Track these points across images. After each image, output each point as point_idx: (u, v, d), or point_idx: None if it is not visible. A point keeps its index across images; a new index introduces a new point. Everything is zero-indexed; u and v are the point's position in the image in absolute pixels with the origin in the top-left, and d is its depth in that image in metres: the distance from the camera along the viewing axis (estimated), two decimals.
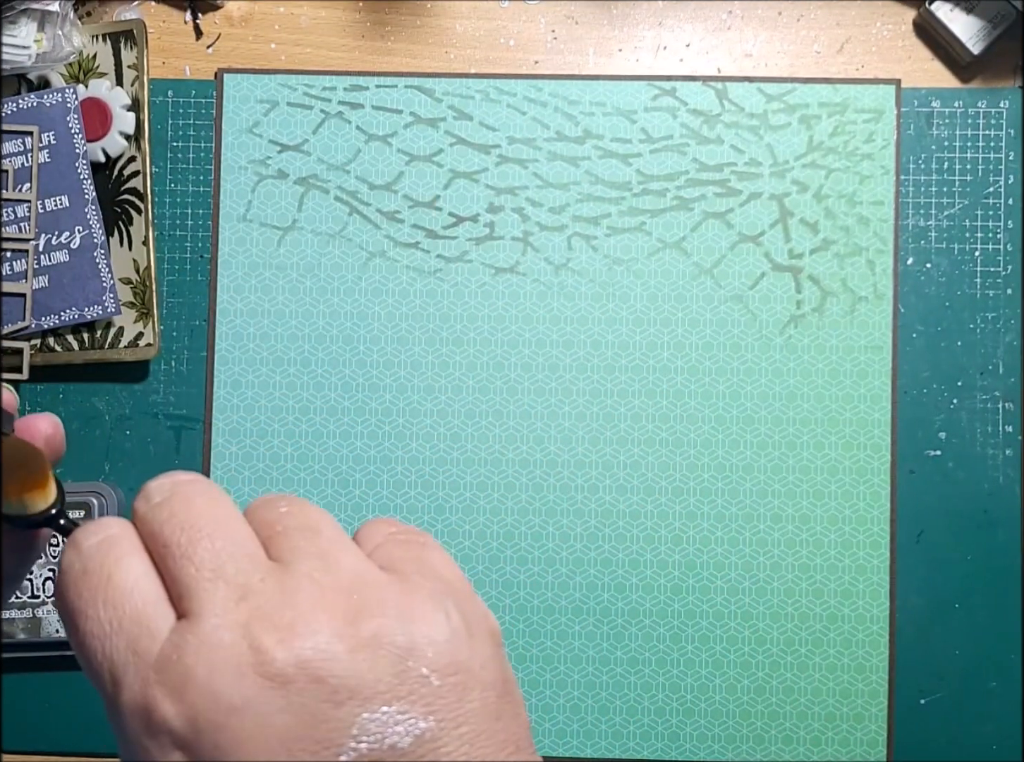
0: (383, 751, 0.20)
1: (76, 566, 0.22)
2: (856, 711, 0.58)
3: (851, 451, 0.59)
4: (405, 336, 0.60)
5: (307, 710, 0.20)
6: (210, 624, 0.20)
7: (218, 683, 0.20)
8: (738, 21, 0.61)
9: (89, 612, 0.21)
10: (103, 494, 0.57)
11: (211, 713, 0.20)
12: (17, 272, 0.58)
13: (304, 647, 0.20)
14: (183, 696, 0.20)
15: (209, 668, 0.20)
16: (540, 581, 0.59)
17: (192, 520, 0.22)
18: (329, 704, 0.20)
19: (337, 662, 0.20)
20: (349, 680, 0.20)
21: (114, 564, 0.22)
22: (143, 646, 0.21)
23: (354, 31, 0.61)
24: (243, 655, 0.20)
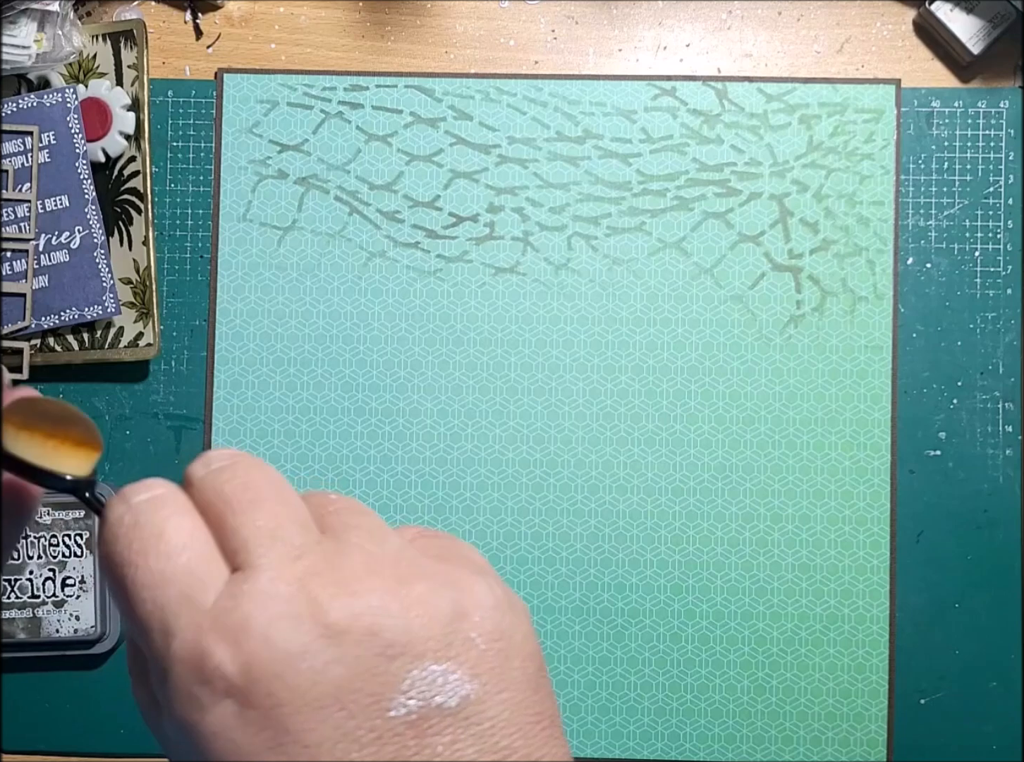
0: (430, 709, 0.20)
1: (127, 518, 0.22)
2: (856, 711, 0.58)
3: (851, 451, 0.59)
4: (405, 336, 0.60)
5: (360, 663, 0.20)
6: (267, 576, 0.21)
7: (275, 632, 0.20)
8: (738, 21, 0.61)
9: (139, 562, 0.21)
10: (103, 494, 0.57)
11: (267, 661, 0.20)
12: (17, 272, 0.58)
13: (358, 602, 0.21)
14: (239, 643, 0.20)
15: (267, 617, 0.20)
16: (540, 581, 0.59)
17: (254, 484, 0.23)
18: (382, 658, 0.20)
19: (390, 618, 0.21)
20: (402, 636, 0.21)
21: (165, 519, 0.22)
22: (197, 595, 0.21)
23: (354, 31, 0.61)
24: (300, 606, 0.20)
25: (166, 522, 0.22)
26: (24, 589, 0.56)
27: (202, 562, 0.21)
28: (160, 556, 0.21)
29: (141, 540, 0.22)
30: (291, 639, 0.20)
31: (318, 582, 0.21)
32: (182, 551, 0.21)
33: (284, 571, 0.21)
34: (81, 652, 0.58)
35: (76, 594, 0.56)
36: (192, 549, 0.21)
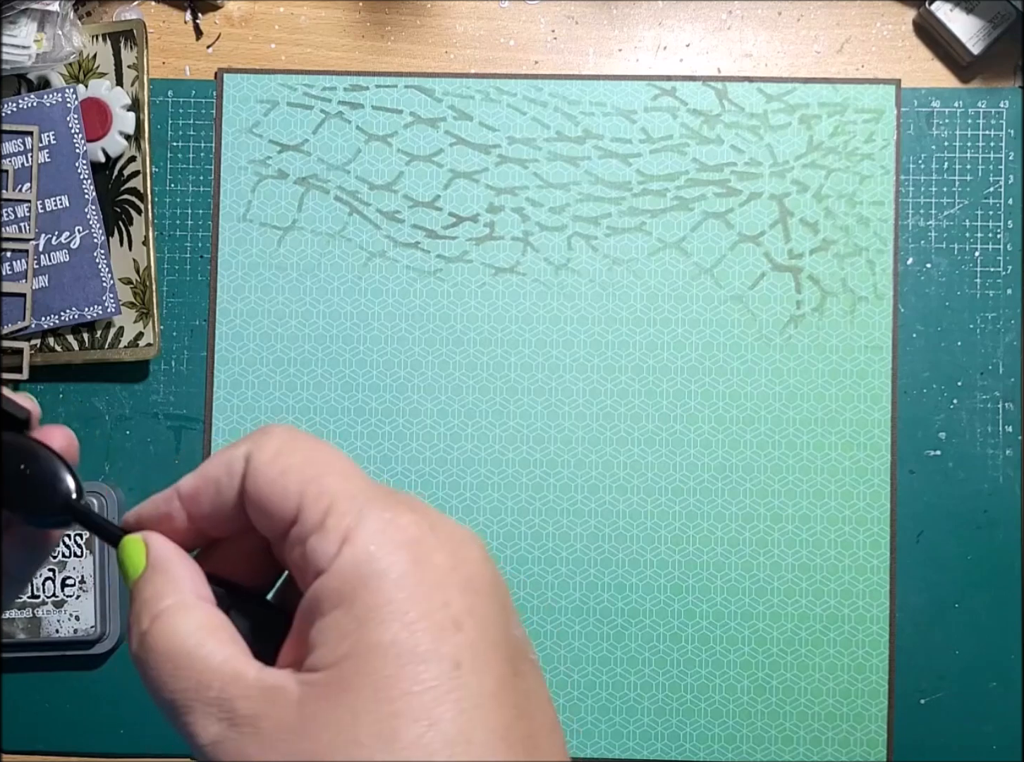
0: (526, 639, 0.24)
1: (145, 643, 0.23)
2: (856, 711, 0.58)
3: (851, 451, 0.59)
4: (405, 336, 0.60)
5: (489, 578, 0.24)
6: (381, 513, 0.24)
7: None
8: (738, 21, 0.61)
9: (175, 689, 0.23)
10: (103, 494, 0.57)
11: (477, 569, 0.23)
12: (17, 272, 0.58)
13: (460, 529, 0.24)
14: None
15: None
16: (540, 581, 0.59)
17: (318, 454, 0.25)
18: (497, 582, 0.23)
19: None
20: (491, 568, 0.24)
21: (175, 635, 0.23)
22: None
23: (354, 31, 0.61)
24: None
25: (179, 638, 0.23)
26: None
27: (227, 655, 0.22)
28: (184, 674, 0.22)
29: (171, 669, 0.22)
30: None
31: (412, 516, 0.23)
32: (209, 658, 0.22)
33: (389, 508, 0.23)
34: (81, 652, 0.58)
35: (76, 594, 0.56)
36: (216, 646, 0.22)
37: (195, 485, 0.25)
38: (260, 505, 0.23)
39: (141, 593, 0.23)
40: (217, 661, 0.22)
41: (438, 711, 0.20)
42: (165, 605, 0.23)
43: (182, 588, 0.23)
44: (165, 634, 0.22)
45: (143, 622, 0.23)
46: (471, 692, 0.21)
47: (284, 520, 0.23)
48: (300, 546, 0.22)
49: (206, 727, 0.21)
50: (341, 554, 0.21)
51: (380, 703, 0.20)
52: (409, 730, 0.20)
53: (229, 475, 0.24)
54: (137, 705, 0.59)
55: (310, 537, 0.22)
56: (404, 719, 0.20)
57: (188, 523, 0.25)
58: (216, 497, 0.24)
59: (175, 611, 0.23)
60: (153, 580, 0.24)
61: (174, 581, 0.24)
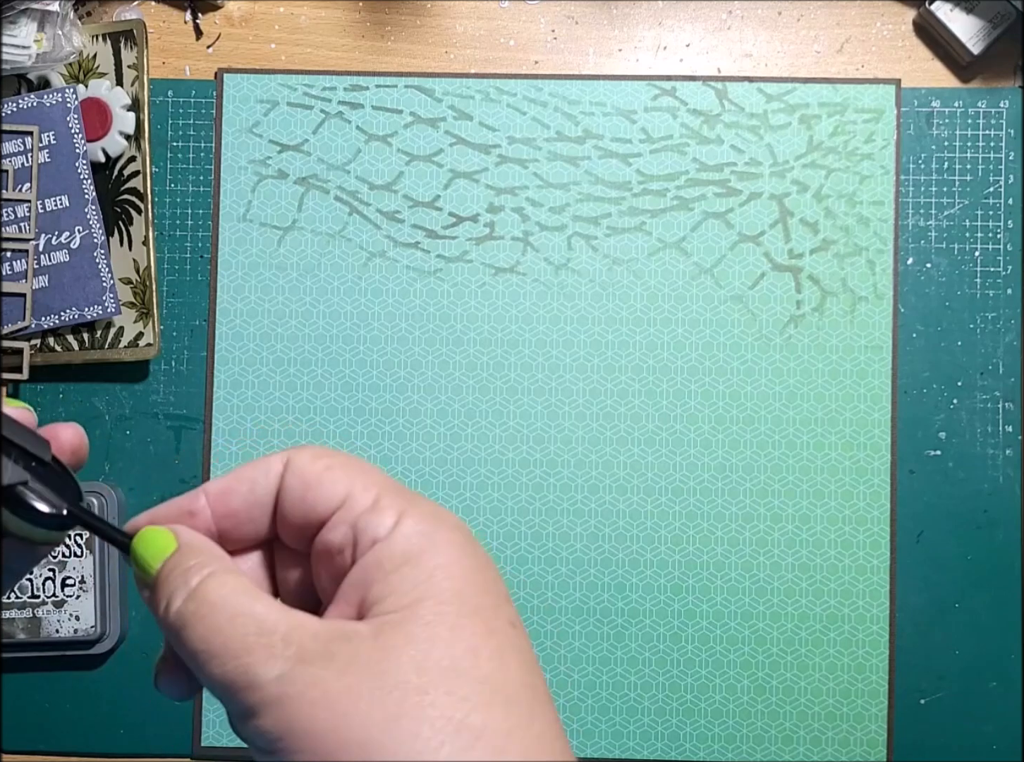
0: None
1: (190, 607, 0.24)
2: (856, 711, 0.58)
3: (851, 451, 0.59)
4: (405, 336, 0.60)
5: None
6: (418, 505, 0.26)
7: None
8: (738, 21, 0.61)
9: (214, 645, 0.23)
10: (103, 494, 0.57)
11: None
12: (17, 272, 0.58)
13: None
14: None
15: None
16: (540, 581, 0.59)
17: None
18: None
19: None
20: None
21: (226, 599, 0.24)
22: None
23: (354, 31, 0.61)
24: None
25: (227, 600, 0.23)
26: (24, 589, 0.56)
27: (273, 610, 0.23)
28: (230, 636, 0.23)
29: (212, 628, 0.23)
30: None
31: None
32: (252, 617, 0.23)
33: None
34: (81, 652, 0.58)
35: (76, 594, 0.56)
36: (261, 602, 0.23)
37: (227, 484, 0.26)
38: (304, 495, 0.25)
39: (183, 562, 0.24)
40: (276, 612, 0.23)
41: (508, 656, 0.23)
42: (215, 567, 0.24)
43: (226, 560, 0.24)
44: (219, 589, 0.23)
45: (192, 581, 0.23)
46: (528, 651, 0.24)
47: (328, 508, 0.25)
48: (345, 526, 0.24)
49: (269, 665, 0.22)
50: (401, 523, 0.24)
51: (457, 639, 0.22)
52: (486, 664, 0.22)
53: (267, 475, 0.25)
54: (137, 705, 0.59)
55: (362, 516, 0.24)
56: (481, 655, 0.22)
57: (210, 523, 0.26)
58: (249, 494, 0.25)
59: (226, 572, 0.24)
60: (191, 553, 0.24)
61: (215, 554, 0.24)
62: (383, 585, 0.23)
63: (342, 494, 0.25)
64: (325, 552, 0.25)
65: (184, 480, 0.59)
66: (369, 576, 0.23)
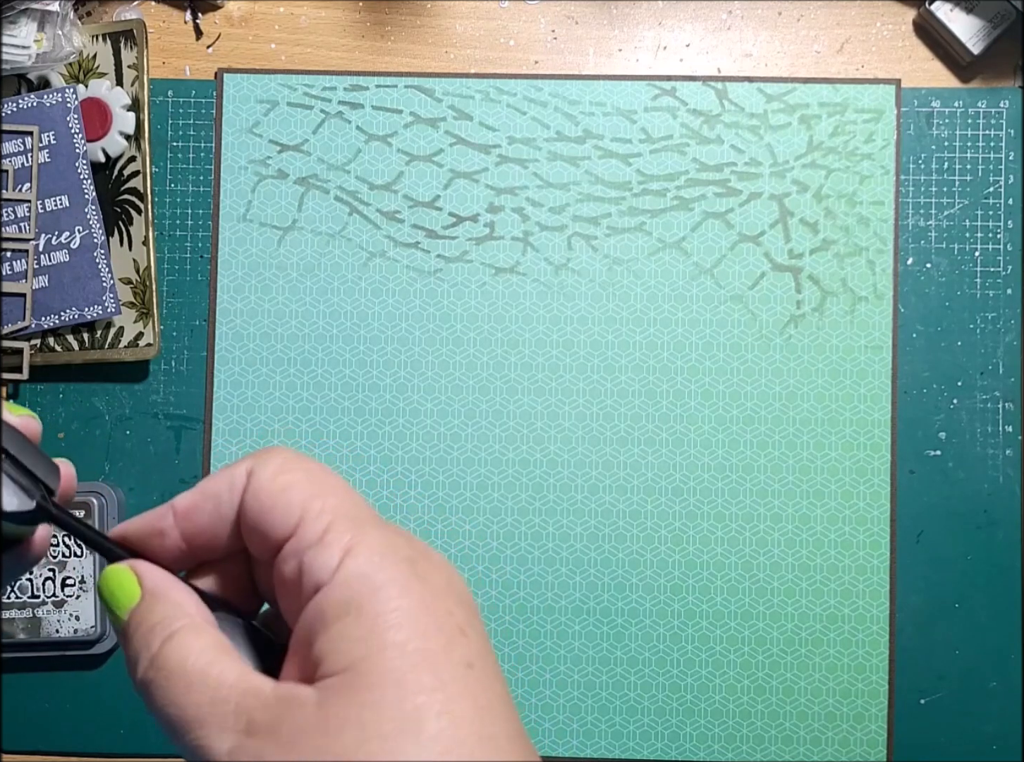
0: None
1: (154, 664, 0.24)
2: (856, 711, 0.58)
3: (851, 451, 0.59)
4: (405, 336, 0.60)
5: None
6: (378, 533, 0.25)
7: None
8: (738, 21, 0.61)
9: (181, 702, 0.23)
10: (103, 494, 0.57)
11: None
12: (17, 272, 0.58)
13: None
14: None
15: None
16: (540, 581, 0.59)
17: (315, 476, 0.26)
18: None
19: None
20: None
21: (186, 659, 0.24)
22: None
23: (354, 31, 0.61)
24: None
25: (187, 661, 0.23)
26: (24, 589, 0.56)
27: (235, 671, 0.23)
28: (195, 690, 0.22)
29: (175, 684, 0.23)
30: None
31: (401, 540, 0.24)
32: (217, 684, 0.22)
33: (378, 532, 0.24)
34: (81, 652, 0.58)
35: (76, 594, 0.56)
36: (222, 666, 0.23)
37: (193, 500, 0.25)
38: (259, 518, 0.24)
39: (147, 619, 0.24)
40: (232, 678, 0.22)
41: (459, 707, 0.21)
42: (176, 627, 0.23)
43: (189, 612, 0.24)
44: (178, 654, 0.23)
45: (153, 645, 0.23)
46: (485, 692, 0.22)
47: (281, 534, 0.23)
48: (295, 560, 0.23)
49: (221, 739, 0.21)
50: (344, 566, 0.22)
51: (402, 699, 0.21)
52: (433, 724, 0.21)
53: (231, 490, 0.24)
54: (137, 705, 0.59)
55: (308, 551, 0.23)
56: (428, 713, 0.21)
57: (179, 541, 0.25)
58: (215, 512, 0.25)
59: (186, 632, 0.23)
60: (155, 607, 0.24)
61: (179, 606, 0.24)
62: (325, 640, 0.22)
63: (294, 520, 0.23)
64: (281, 582, 0.24)
65: (184, 480, 0.59)
66: (313, 628, 0.22)
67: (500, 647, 0.58)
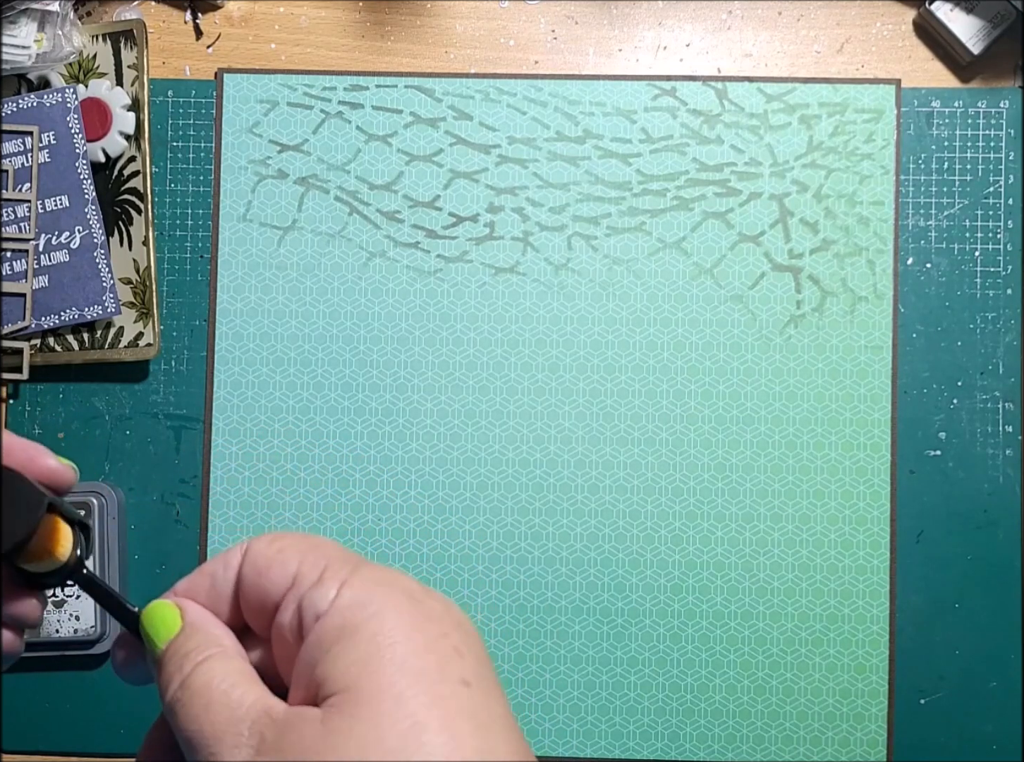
0: None
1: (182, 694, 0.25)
2: (856, 711, 0.58)
3: (851, 451, 0.59)
4: (405, 336, 0.60)
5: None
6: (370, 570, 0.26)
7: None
8: (738, 21, 0.61)
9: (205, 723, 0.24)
10: (103, 494, 0.57)
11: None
12: (17, 272, 0.58)
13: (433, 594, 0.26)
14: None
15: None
16: (540, 581, 0.59)
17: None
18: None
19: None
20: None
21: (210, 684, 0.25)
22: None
23: (354, 31, 0.61)
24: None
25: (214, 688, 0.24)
26: None
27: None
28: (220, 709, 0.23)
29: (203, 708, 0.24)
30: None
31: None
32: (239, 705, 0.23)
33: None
34: (81, 652, 0.58)
35: (76, 594, 0.56)
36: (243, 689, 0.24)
37: (191, 582, 0.26)
38: (258, 581, 0.25)
39: (183, 646, 0.25)
40: (250, 700, 0.23)
41: (457, 724, 0.22)
42: (208, 654, 0.24)
43: (223, 643, 0.25)
44: (205, 677, 0.24)
45: (185, 669, 0.24)
46: (484, 710, 0.22)
47: (280, 589, 0.25)
48: (294, 605, 0.24)
49: (234, 754, 0.22)
50: (341, 595, 0.23)
51: (402, 714, 0.21)
52: (434, 739, 0.21)
53: (226, 566, 0.26)
54: (137, 705, 0.59)
55: (307, 592, 0.24)
56: (429, 729, 0.21)
57: None
58: (211, 590, 0.26)
59: (216, 659, 0.24)
60: (193, 636, 0.25)
61: (215, 637, 0.25)
62: (325, 663, 0.23)
63: (292, 574, 0.25)
64: (280, 636, 0.25)
65: (184, 480, 0.59)
66: (313, 655, 0.23)
67: (500, 647, 0.58)
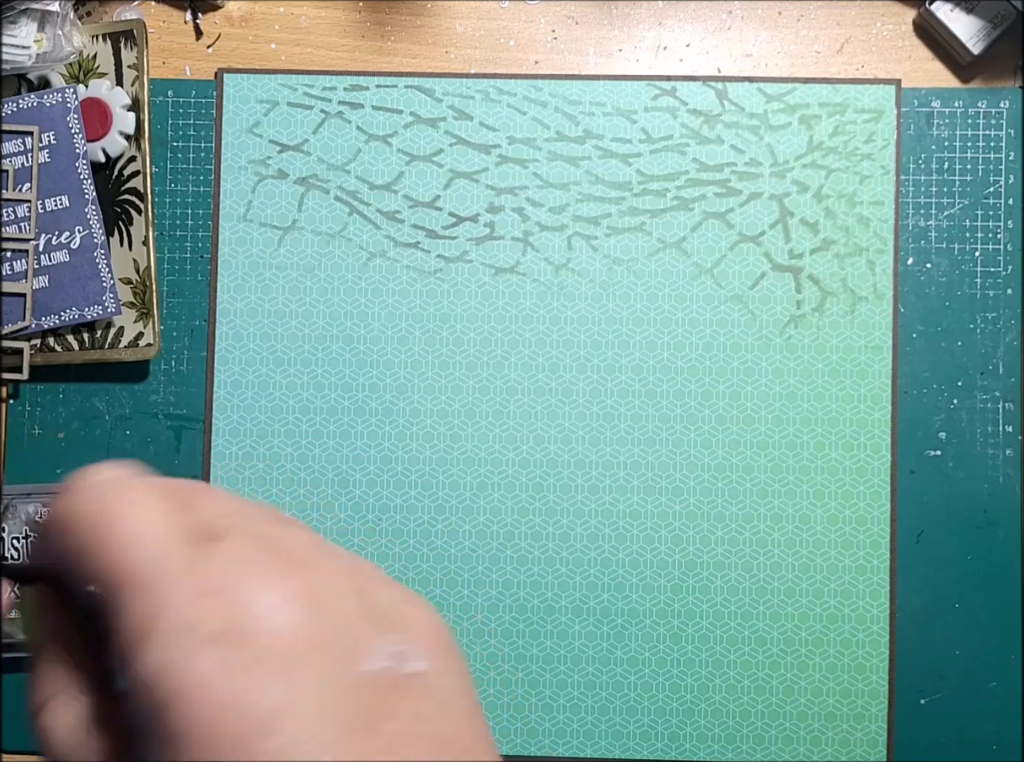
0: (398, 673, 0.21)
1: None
2: (856, 711, 0.58)
3: (851, 451, 0.59)
4: (405, 336, 0.60)
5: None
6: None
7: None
8: (738, 21, 0.61)
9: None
10: None
11: None
12: (17, 272, 0.58)
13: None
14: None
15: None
16: (540, 581, 0.59)
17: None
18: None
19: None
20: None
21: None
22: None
23: (354, 31, 0.61)
24: None
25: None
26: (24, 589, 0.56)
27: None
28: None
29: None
30: None
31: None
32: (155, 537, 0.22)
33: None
34: None
35: None
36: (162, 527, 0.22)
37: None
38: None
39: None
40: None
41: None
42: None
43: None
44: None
45: None
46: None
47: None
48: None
49: None
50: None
51: None
52: None
53: None
54: None
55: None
56: None
57: None
58: None
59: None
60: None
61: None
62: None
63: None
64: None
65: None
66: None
67: (500, 647, 0.58)
